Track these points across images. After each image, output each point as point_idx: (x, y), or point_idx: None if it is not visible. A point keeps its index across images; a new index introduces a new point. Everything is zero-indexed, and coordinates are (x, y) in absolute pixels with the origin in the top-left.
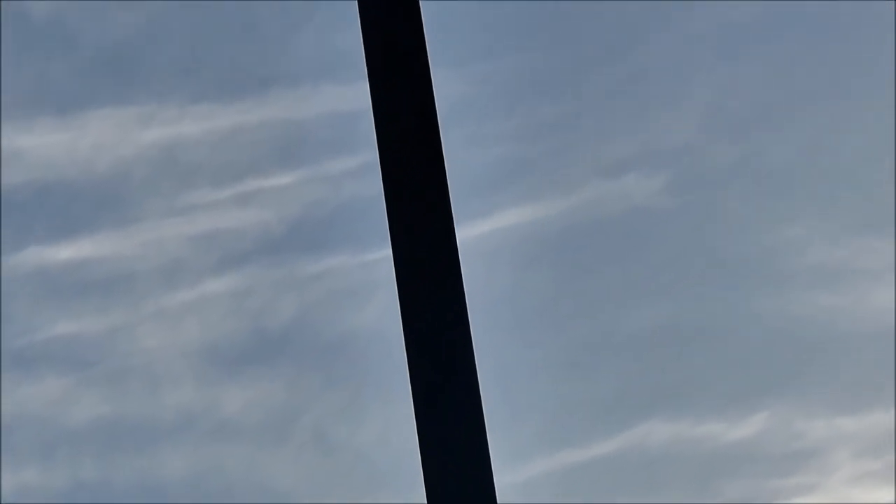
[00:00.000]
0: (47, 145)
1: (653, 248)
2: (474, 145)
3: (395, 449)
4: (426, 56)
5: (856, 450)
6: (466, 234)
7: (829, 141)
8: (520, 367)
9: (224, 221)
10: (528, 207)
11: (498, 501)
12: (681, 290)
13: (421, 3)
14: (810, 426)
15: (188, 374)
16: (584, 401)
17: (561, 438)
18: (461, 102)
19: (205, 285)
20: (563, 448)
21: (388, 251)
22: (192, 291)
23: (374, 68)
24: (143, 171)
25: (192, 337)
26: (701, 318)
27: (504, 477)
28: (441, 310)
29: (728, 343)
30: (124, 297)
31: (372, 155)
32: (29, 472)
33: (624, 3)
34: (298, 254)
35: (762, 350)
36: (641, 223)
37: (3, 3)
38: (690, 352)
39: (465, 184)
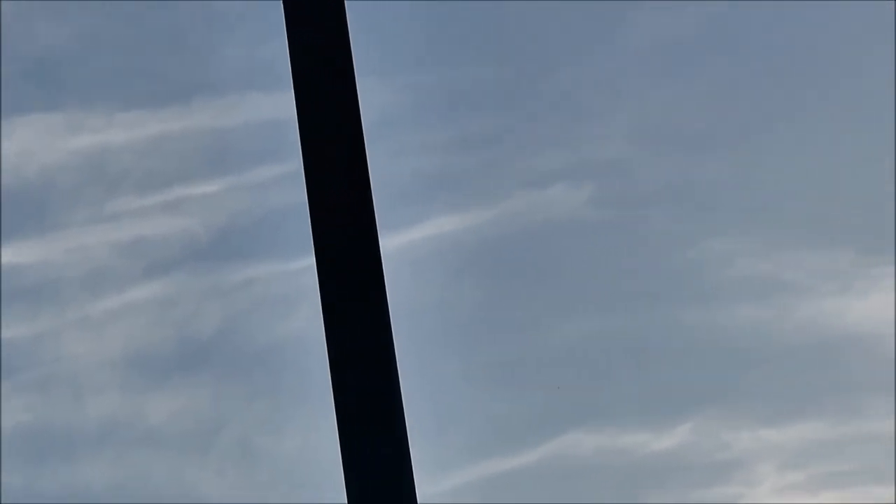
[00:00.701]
0: None
1: (580, 260)
2: (402, 155)
3: (318, 458)
4: (352, 65)
5: (780, 462)
6: (392, 243)
7: (754, 158)
8: (445, 378)
9: (150, 229)
10: (455, 217)
11: None
12: (606, 303)
13: (347, 13)
14: (735, 438)
15: (113, 382)
16: (509, 412)
17: (486, 449)
18: (389, 112)
19: (130, 293)
20: (487, 458)
21: (314, 260)
22: (117, 299)
23: (299, 77)
24: (70, 178)
25: (117, 345)
26: (626, 330)
27: (428, 487)
28: (364, 319)
29: (653, 355)
30: (49, 305)
31: (299, 163)
32: None
33: (557, 18)
34: (224, 262)
35: (687, 362)
36: (568, 235)
37: None
38: (616, 364)
39: (392, 193)
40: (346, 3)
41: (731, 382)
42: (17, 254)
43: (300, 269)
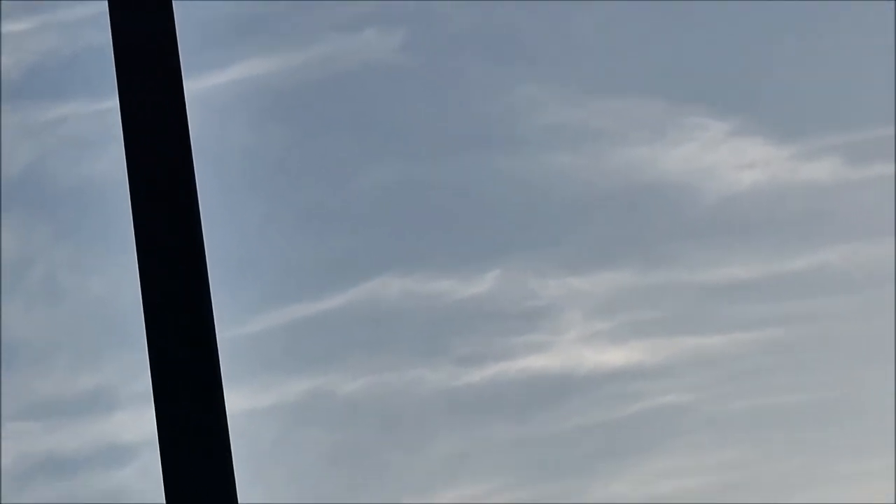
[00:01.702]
0: None
1: (390, 106)
2: None
3: (120, 299)
4: None
5: (587, 309)
6: (199, 86)
7: (567, 6)
8: (252, 223)
9: None
10: (263, 60)
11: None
12: (417, 149)
13: None
14: (543, 285)
15: None
16: (316, 257)
17: (292, 293)
18: None
19: None
20: (293, 302)
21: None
22: None
23: None
24: None
25: None
26: (436, 176)
27: (233, 331)
28: (167, 162)
29: (463, 202)
30: None
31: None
32: None
33: None
34: (34, 100)
35: (497, 209)
36: (379, 80)
37: None
38: (425, 209)
39: (198, 35)
40: None
41: (540, 229)
42: None
43: (109, 108)
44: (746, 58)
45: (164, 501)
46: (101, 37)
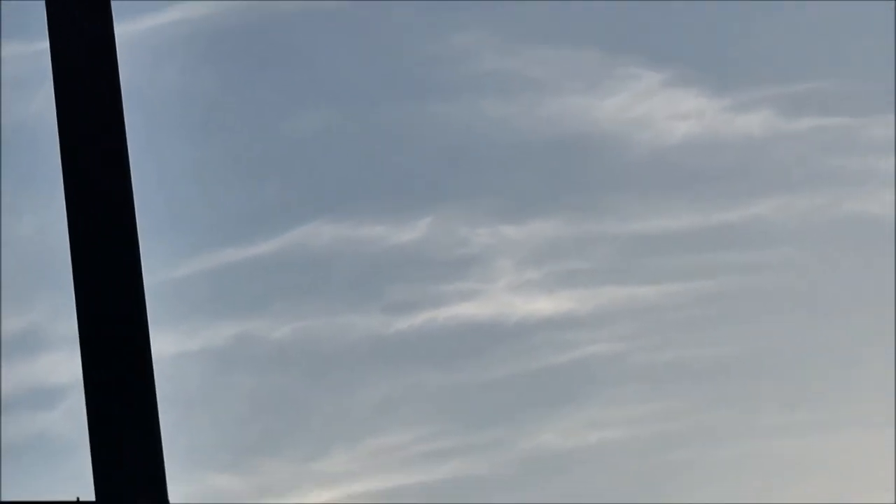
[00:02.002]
0: None
1: (322, 51)
2: None
3: (50, 242)
4: None
5: (518, 258)
6: (129, 29)
7: None
8: (181, 168)
9: None
10: (195, 4)
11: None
12: (349, 94)
13: None
14: (474, 233)
15: None
16: (246, 202)
17: (222, 238)
18: None
19: None
20: (223, 247)
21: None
22: None
23: None
24: None
25: None
26: (368, 122)
27: (159, 274)
28: (97, 105)
29: (395, 148)
30: None
31: None
32: None
33: None
34: None
35: (429, 156)
36: (312, 26)
37: None
38: (357, 156)
39: None
40: None
41: (472, 177)
42: None
43: (40, 51)
44: (681, 8)
45: (89, 444)
46: None
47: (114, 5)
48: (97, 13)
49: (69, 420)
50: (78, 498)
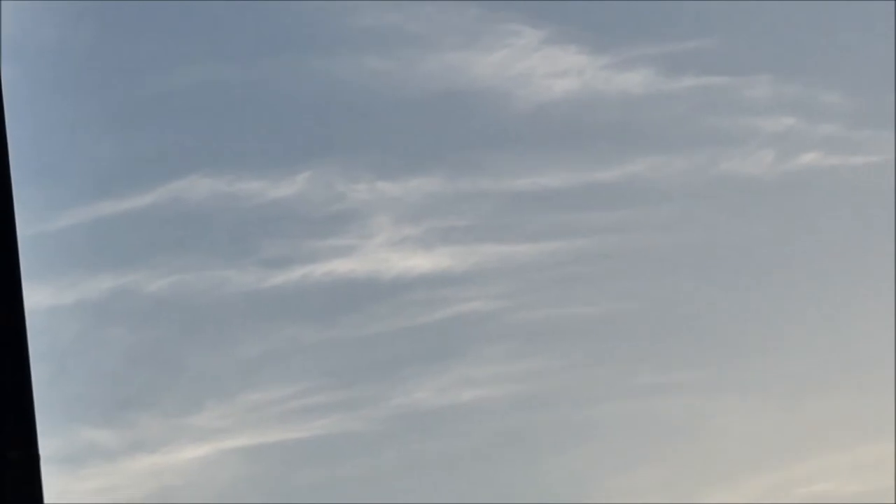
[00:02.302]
0: None
1: (200, 5)
2: None
3: None
4: None
5: (396, 215)
6: None
7: None
8: (59, 121)
9: None
10: None
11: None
12: (229, 49)
13: None
14: (352, 189)
15: None
16: (124, 155)
17: (98, 191)
18: None
19: None
20: (99, 200)
21: None
22: None
23: None
24: None
25: None
26: (248, 77)
27: (34, 227)
28: None
29: (274, 103)
30: None
31: None
32: None
33: None
34: None
35: (308, 111)
36: None
37: None
38: (236, 110)
39: None
40: None
41: (351, 133)
42: None
43: None
44: None
45: None
46: None
47: None
48: None
49: None
50: None
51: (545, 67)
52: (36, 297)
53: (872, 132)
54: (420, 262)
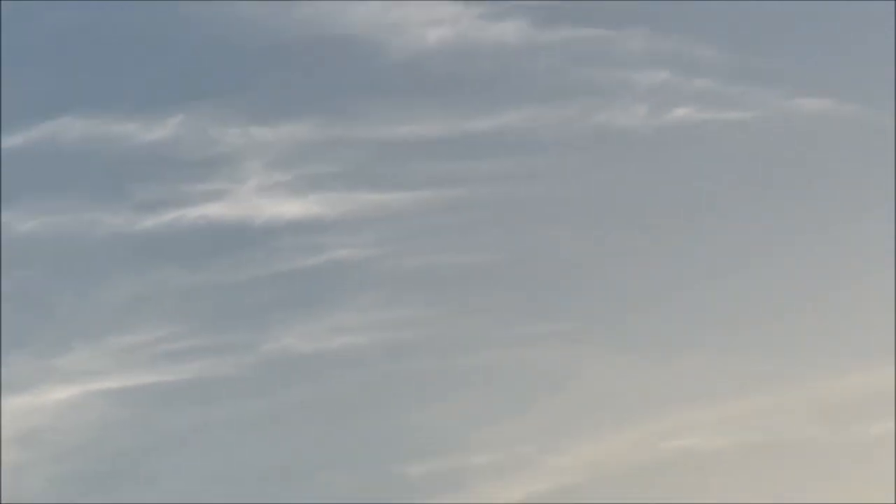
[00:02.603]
0: None
1: None
2: None
3: None
4: None
5: (268, 160)
6: None
7: None
8: None
9: None
10: None
11: None
12: None
13: None
14: (224, 133)
15: None
16: None
17: None
18: None
19: None
20: None
21: None
22: None
23: None
24: None
25: None
26: (119, 19)
27: None
28: None
29: (147, 46)
30: None
31: None
32: None
33: None
34: None
35: (181, 55)
36: None
37: None
38: (108, 52)
39: None
40: None
41: (224, 78)
42: None
43: None
44: None
45: None
46: None
47: None
48: None
49: None
50: None
51: (420, 16)
52: None
53: (745, 88)
54: (291, 209)
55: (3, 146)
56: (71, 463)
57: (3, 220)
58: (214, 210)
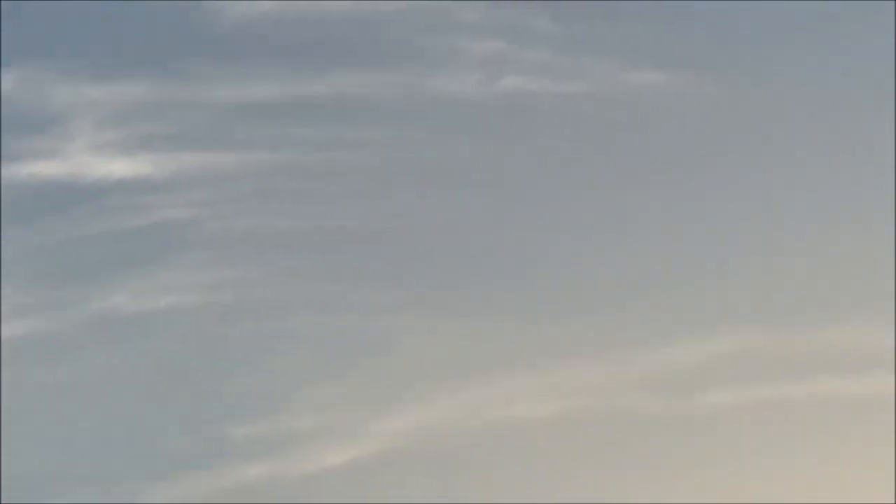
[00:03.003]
0: None
1: None
2: None
3: None
4: None
5: (98, 119)
6: None
7: None
8: None
9: None
10: None
11: None
12: None
13: None
14: (55, 92)
15: None
16: None
17: None
18: None
19: None
20: None
21: None
22: None
23: None
24: None
25: None
26: None
27: None
28: None
29: None
30: None
31: None
32: None
33: None
34: None
35: (13, 10)
36: None
37: None
38: None
39: None
40: None
41: (55, 35)
42: None
43: None
44: None
45: None
46: None
47: None
48: None
49: None
50: None
51: None
52: None
53: (579, 60)
54: (120, 168)
55: None
56: None
57: None
58: (44, 168)
